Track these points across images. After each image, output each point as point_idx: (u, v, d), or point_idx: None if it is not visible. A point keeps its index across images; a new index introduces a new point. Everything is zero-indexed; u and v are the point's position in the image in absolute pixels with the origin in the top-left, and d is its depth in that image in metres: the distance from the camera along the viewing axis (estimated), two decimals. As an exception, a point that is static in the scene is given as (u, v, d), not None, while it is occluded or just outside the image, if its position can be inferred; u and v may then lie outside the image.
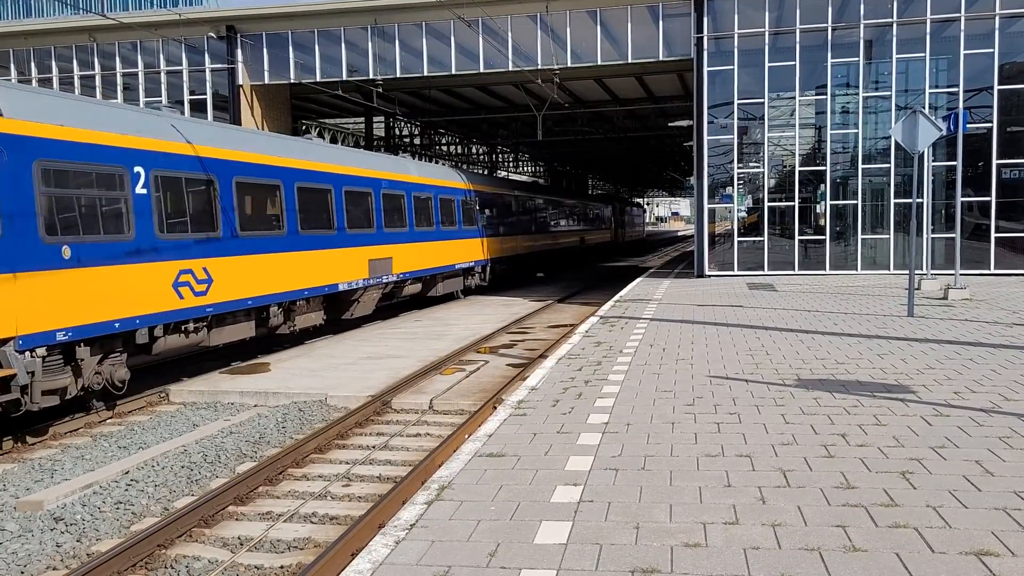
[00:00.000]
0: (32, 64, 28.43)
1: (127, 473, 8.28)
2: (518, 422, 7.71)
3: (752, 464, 6.21)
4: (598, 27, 24.42)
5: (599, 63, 24.75)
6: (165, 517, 6.98)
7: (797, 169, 24.08)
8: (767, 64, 23.46)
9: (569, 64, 24.81)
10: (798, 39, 23.22)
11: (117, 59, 27.86)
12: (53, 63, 28.32)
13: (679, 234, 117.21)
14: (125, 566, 6.07)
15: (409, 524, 5.10)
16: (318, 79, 26.23)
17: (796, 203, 24.10)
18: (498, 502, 5.48)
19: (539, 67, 24.67)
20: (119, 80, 27.83)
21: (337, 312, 17.58)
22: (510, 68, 24.86)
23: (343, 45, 26.10)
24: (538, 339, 16.78)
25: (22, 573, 6.13)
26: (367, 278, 17.98)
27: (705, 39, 23.40)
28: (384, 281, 18.96)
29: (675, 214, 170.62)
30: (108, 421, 10.85)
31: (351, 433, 10.01)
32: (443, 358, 14.09)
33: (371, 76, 25.81)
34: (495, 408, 10.36)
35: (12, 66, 28.61)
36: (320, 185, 16.36)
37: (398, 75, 25.85)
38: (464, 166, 52.32)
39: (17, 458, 9.12)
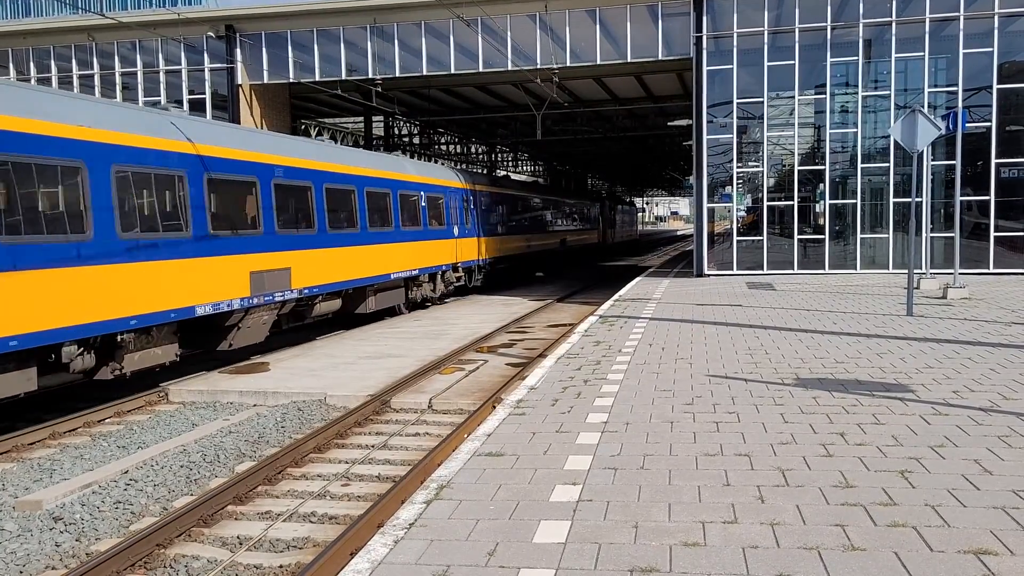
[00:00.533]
0: (31, 64, 28.41)
1: (126, 473, 8.28)
2: (517, 421, 7.71)
3: (751, 463, 6.21)
4: (597, 26, 24.42)
5: (598, 62, 24.75)
6: (164, 517, 6.98)
7: (796, 168, 24.09)
8: (766, 63, 23.47)
9: (568, 63, 24.81)
10: (797, 38, 23.22)
11: (116, 59, 27.85)
12: (52, 63, 28.31)
13: (678, 233, 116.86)
14: (124, 566, 6.07)
15: (408, 523, 5.10)
16: (317, 79, 26.22)
17: (795, 202, 24.10)
18: (497, 501, 5.48)
19: (538, 66, 24.66)
20: (118, 80, 27.82)
21: (208, 342, 13.72)
22: (509, 67, 24.86)
23: (342, 44, 26.10)
24: (537, 338, 16.78)
25: (21, 573, 6.13)
26: (248, 296, 13.77)
27: (704, 38, 23.40)
28: (277, 299, 14.64)
29: (674, 213, 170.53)
30: (107, 421, 10.84)
31: (350, 432, 10.01)
32: (442, 357, 14.09)
33: (370, 75, 25.81)
34: (494, 407, 10.36)
35: (11, 65, 28.60)
36: (160, 170, 12.00)
37: (397, 74, 25.84)
38: (464, 165, 52.31)
39: (16, 457, 9.12)
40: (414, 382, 12.39)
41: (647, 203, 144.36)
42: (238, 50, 26.61)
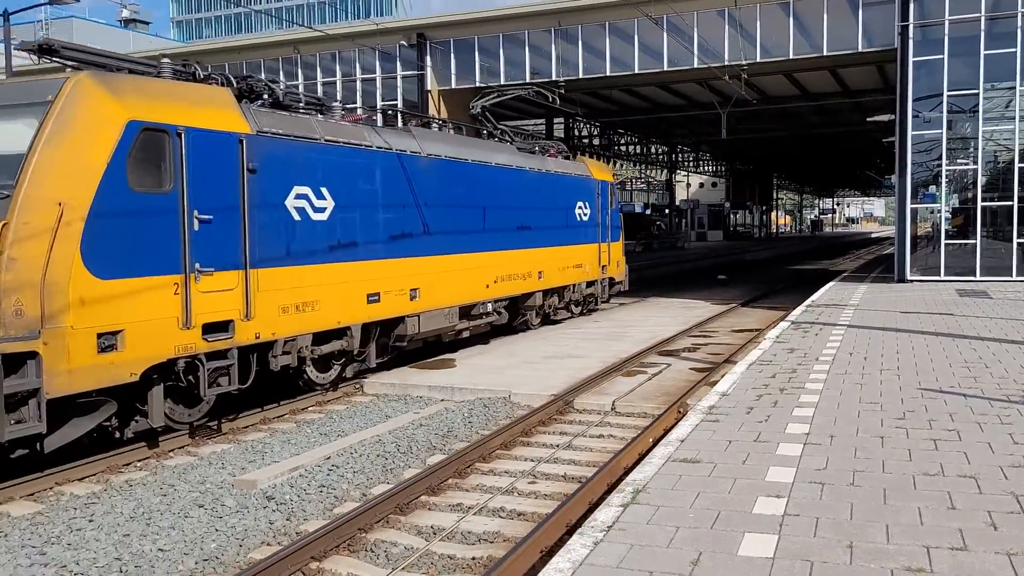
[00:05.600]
0: (244, 76, 30.86)
1: (328, 459, 8.73)
2: (711, 428, 7.44)
3: (978, 486, 5.64)
4: (790, 19, 23.35)
5: (791, 57, 23.68)
6: (364, 502, 7.29)
7: (1016, 165, 21.89)
8: (983, 52, 21.50)
9: (758, 59, 23.89)
10: (1020, 23, 21.11)
11: (318, 69, 29.70)
12: (262, 75, 30.62)
13: (872, 236, 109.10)
14: (330, 546, 6.38)
15: (606, 526, 5.01)
16: (502, 82, 26.76)
17: (1015, 202, 21.90)
18: (696, 510, 5.28)
19: (726, 63, 23.93)
20: (319, 89, 29.65)
21: None
22: (695, 65, 24.28)
23: (527, 48, 26.49)
24: (722, 343, 16.25)
25: (240, 546, 6.59)
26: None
27: (911, 27, 21.79)
28: None
29: (869, 215, 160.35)
30: (310, 409, 11.51)
31: (535, 431, 10.08)
32: (624, 360, 13.92)
33: (553, 78, 26.02)
34: (679, 412, 10.11)
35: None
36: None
37: (580, 76, 25.90)
38: (643, 167, 51.77)
39: (233, 439, 9.86)
40: (596, 383, 12.32)
41: (838, 204, 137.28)
42: (428, 57, 27.63)
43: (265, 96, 10.70)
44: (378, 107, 28.62)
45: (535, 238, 17.16)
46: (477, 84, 27.15)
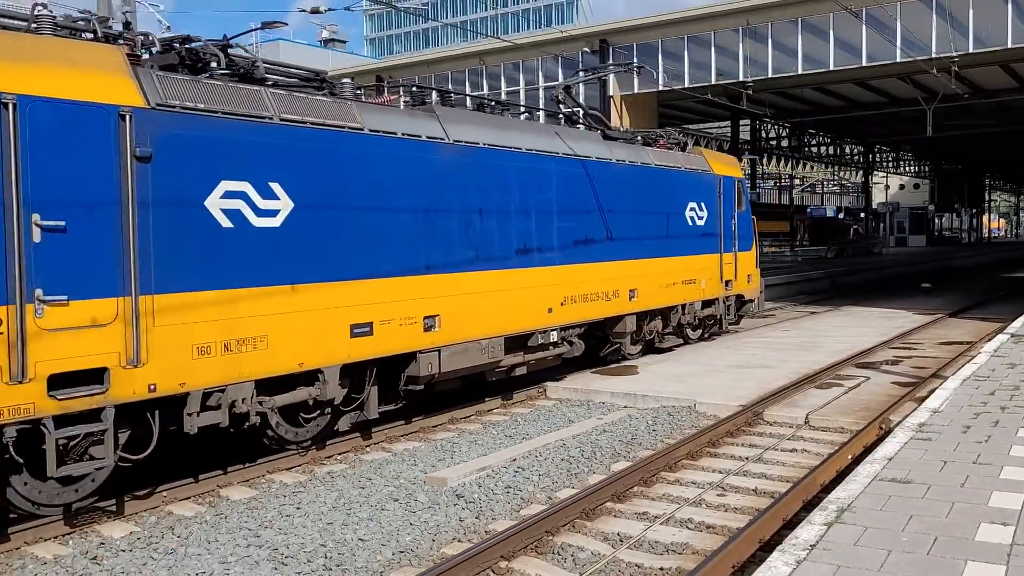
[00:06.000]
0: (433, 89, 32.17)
1: (514, 460, 8.87)
2: (921, 447, 6.90)
3: None
4: (1008, 5, 21.33)
5: (1009, 46, 21.61)
6: (551, 505, 7.34)
7: None
8: None
9: (970, 50, 22.00)
10: None
11: (502, 79, 30.40)
12: (450, 86, 31.78)
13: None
14: (518, 546, 6.47)
15: (809, 544, 4.76)
16: (687, 85, 26.25)
17: None
18: (909, 533, 4.90)
19: (933, 56, 22.21)
20: (503, 97, 30.37)
21: None
22: (898, 60, 22.72)
23: (712, 49, 25.82)
24: (928, 356, 15.09)
25: (433, 540, 6.83)
26: None
27: None
28: None
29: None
30: (495, 411, 11.76)
31: (722, 442, 9.78)
32: (817, 371, 13.25)
33: (740, 78, 25.21)
34: (881, 429, 9.50)
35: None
36: None
37: (769, 75, 24.93)
38: (836, 169, 49.12)
39: (423, 437, 10.25)
40: (787, 395, 11.79)
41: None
42: (611, 62, 27.57)
43: (213, 65, 8.06)
44: (560, 114, 28.94)
45: (623, 248, 13.52)
46: (660, 88, 26.80)
